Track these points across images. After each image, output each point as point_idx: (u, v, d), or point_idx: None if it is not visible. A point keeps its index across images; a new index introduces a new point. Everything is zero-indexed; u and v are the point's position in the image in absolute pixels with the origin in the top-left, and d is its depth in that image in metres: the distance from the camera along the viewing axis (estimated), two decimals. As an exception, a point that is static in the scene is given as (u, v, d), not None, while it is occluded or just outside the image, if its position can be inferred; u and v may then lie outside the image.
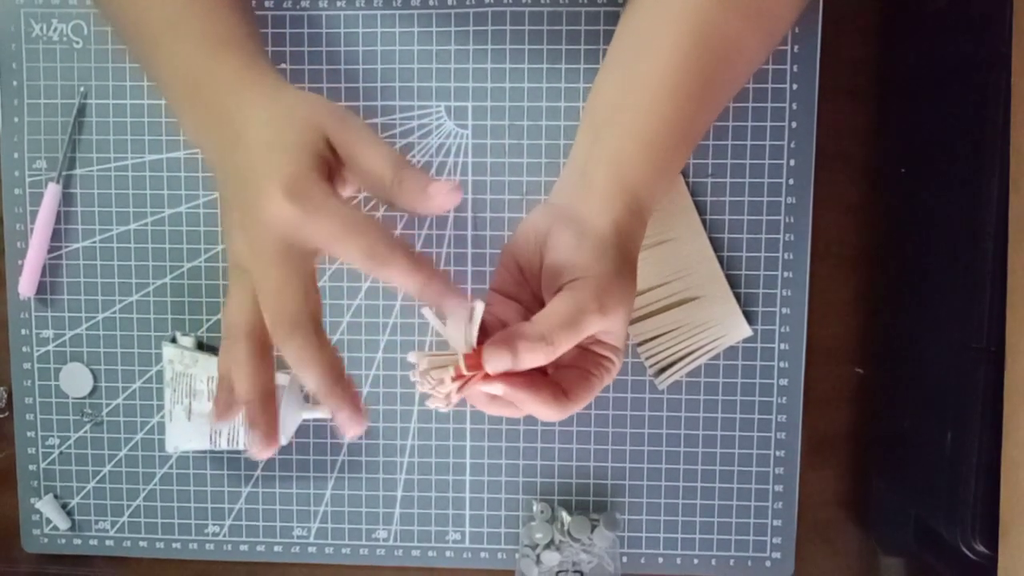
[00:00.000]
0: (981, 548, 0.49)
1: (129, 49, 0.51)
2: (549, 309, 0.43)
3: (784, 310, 0.61)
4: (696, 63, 0.46)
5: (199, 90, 0.46)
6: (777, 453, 0.62)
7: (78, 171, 0.63)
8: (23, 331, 0.64)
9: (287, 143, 0.42)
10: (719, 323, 0.61)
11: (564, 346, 0.42)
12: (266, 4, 0.61)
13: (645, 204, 0.47)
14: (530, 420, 0.63)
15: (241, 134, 0.43)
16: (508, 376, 0.42)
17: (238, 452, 0.64)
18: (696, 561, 0.63)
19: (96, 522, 0.66)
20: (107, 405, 0.65)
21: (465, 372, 0.42)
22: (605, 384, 0.45)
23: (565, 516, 0.62)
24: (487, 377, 0.42)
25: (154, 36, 0.47)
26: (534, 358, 0.41)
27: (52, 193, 0.62)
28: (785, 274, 0.61)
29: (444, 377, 0.42)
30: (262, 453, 0.44)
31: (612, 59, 0.50)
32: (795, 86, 0.59)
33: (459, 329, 0.42)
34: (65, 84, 0.62)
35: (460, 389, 0.42)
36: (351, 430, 0.43)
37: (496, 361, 0.41)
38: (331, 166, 0.43)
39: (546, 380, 0.44)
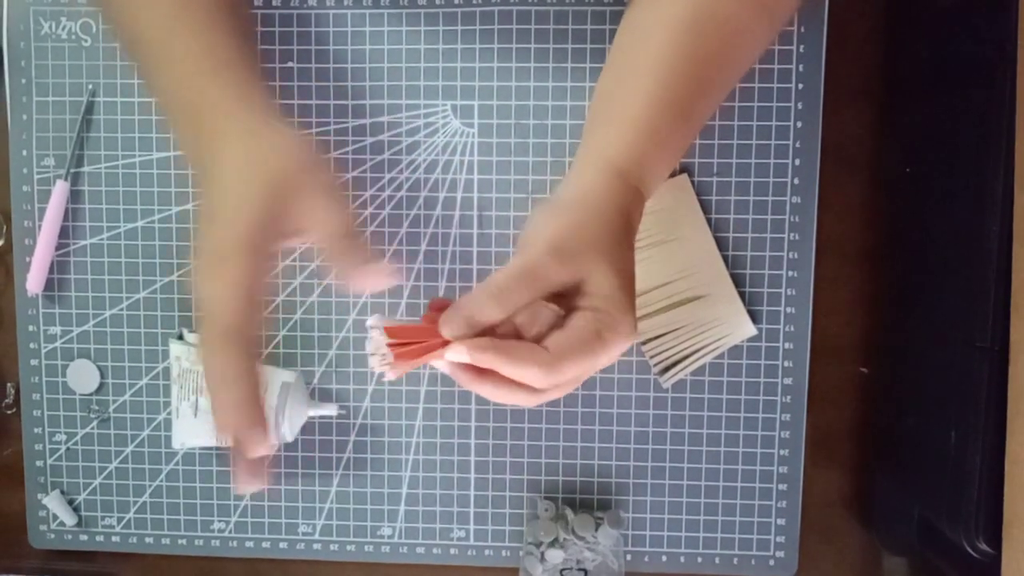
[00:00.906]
0: (985, 547, 0.49)
1: (130, 60, 0.52)
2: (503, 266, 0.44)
3: (789, 309, 0.61)
4: (689, 46, 0.47)
5: (187, 114, 0.47)
6: (781, 452, 0.62)
7: (86, 168, 0.63)
8: (31, 328, 0.65)
9: (241, 207, 0.43)
10: (724, 322, 0.61)
11: (516, 294, 0.42)
12: (273, 3, 0.61)
13: (630, 173, 0.46)
14: (535, 417, 0.63)
15: (213, 173, 0.44)
16: (472, 341, 0.42)
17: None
18: (700, 560, 0.64)
19: (102, 518, 0.66)
20: (114, 402, 0.65)
21: (384, 336, 0.43)
22: (610, 346, 0.43)
23: (569, 514, 0.62)
24: (447, 343, 0.43)
25: (149, 53, 0.48)
26: (487, 310, 0.42)
27: (60, 190, 0.63)
28: (790, 273, 0.61)
29: (382, 343, 0.43)
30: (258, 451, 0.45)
31: (611, 54, 0.51)
32: (800, 86, 0.59)
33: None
34: (73, 82, 0.63)
35: (402, 354, 0.43)
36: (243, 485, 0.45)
37: (450, 323, 0.43)
38: (285, 218, 0.43)
39: (522, 342, 0.43)
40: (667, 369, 0.62)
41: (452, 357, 0.43)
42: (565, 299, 0.44)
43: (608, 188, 0.46)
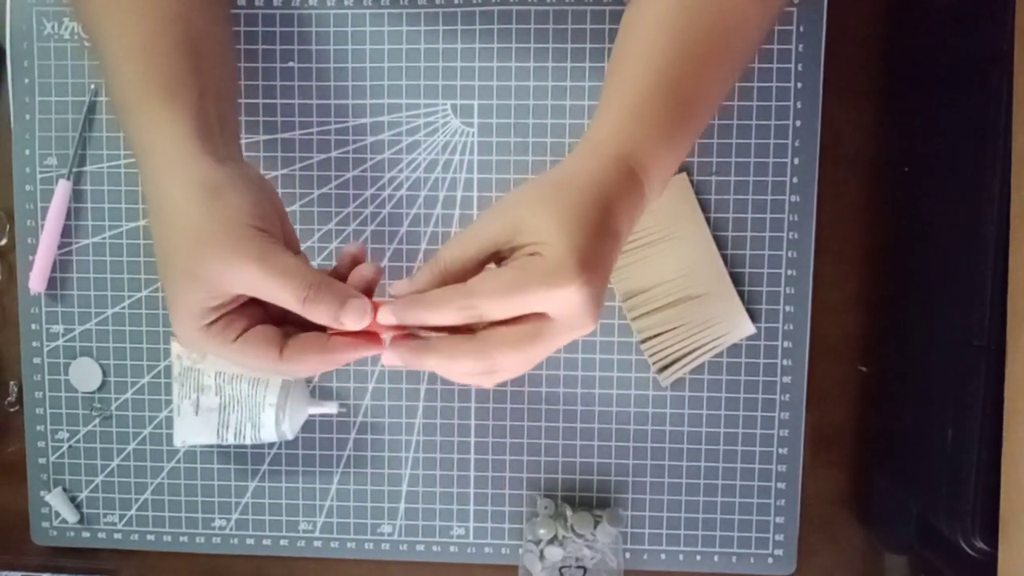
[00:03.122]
0: (982, 545, 0.49)
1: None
2: None
3: (787, 308, 0.61)
4: (678, 27, 0.46)
5: (131, 148, 0.47)
6: (780, 450, 0.62)
7: (88, 168, 0.64)
8: (33, 326, 0.65)
9: (176, 299, 0.44)
10: (723, 320, 0.61)
11: (449, 250, 0.44)
12: (274, 3, 0.62)
13: (618, 155, 0.45)
14: (534, 415, 0.63)
15: (156, 223, 0.45)
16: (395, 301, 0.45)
17: (245, 446, 0.65)
18: (699, 558, 0.64)
19: (104, 515, 0.67)
20: (116, 399, 0.65)
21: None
22: (538, 284, 0.40)
23: (569, 512, 0.62)
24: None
25: (104, 74, 0.49)
26: (422, 272, 0.45)
27: (63, 189, 0.63)
28: (788, 272, 0.61)
29: None
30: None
31: (612, 55, 0.51)
32: (799, 84, 0.60)
33: None
34: (76, 82, 0.63)
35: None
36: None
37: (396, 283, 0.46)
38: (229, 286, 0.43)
39: (441, 288, 0.44)
40: (666, 367, 0.62)
41: (382, 319, 0.44)
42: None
43: (583, 165, 0.44)
